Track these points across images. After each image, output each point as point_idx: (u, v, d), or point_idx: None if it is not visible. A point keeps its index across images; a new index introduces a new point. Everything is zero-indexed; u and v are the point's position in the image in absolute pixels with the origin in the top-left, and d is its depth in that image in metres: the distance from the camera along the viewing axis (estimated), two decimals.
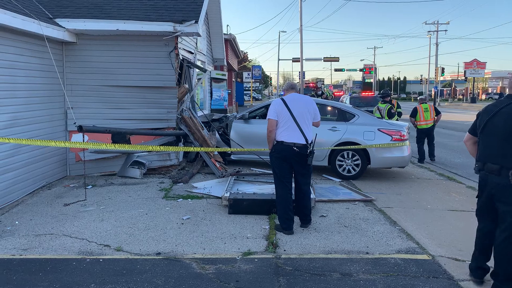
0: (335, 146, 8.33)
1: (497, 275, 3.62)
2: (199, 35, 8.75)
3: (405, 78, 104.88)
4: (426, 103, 11.36)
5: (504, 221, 3.52)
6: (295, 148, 5.16)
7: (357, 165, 8.36)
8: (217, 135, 9.48)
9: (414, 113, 11.08)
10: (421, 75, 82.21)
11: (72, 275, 4.02)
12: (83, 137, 7.20)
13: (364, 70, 67.13)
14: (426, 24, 56.02)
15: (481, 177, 3.69)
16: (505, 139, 3.46)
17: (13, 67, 6.58)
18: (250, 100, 45.82)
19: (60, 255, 4.49)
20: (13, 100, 6.57)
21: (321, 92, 23.67)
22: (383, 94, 12.10)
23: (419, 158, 10.93)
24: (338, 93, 38.92)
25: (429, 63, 58.04)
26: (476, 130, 3.79)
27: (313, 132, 5.38)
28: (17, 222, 5.56)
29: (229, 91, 23.50)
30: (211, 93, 15.85)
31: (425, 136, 11.11)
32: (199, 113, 10.62)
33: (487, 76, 66.82)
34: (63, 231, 5.23)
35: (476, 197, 3.87)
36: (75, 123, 7.46)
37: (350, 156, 8.37)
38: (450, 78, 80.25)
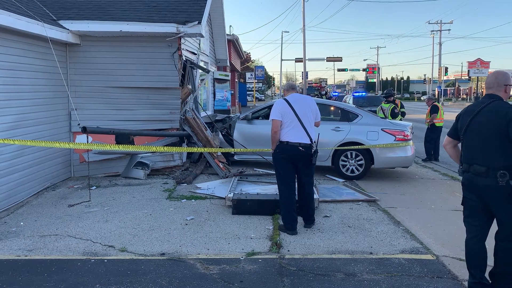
0: (339, 146, 8.33)
1: (494, 274, 3.59)
2: (202, 36, 8.77)
3: (408, 77, 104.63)
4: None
5: (500, 222, 3.46)
6: (300, 148, 5.17)
7: (360, 165, 8.35)
8: (220, 135, 9.49)
9: (436, 110, 10.94)
10: (425, 75, 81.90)
11: (77, 276, 4.04)
12: (87, 138, 7.24)
13: (367, 70, 67.01)
14: (429, 23, 55.93)
15: (466, 179, 3.57)
16: (489, 138, 3.40)
17: (18, 68, 6.61)
18: (253, 101, 45.81)
19: (65, 256, 4.52)
20: (17, 101, 6.60)
21: (324, 92, 23.68)
22: (387, 94, 12.06)
23: (427, 157, 10.86)
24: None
25: (433, 63, 57.96)
26: (457, 133, 3.70)
27: (315, 131, 5.39)
28: (22, 223, 5.59)
29: (232, 92, 23.52)
30: (214, 93, 15.87)
31: (438, 134, 11.05)
32: (202, 114, 10.63)
33: None
34: (68, 232, 5.26)
35: (462, 204, 3.71)
36: (79, 124, 7.49)
37: (353, 156, 8.37)
38: (454, 78, 79.95)
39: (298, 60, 43.58)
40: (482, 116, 3.48)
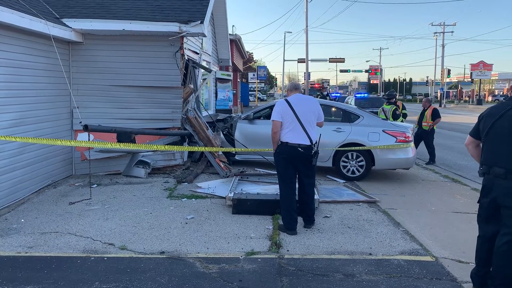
0: (340, 147, 8.33)
1: (493, 278, 3.61)
2: (205, 36, 8.78)
3: (411, 79, 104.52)
4: None
5: (507, 225, 3.48)
6: (299, 149, 5.18)
7: (361, 166, 8.35)
8: (221, 135, 9.50)
9: (439, 115, 10.88)
10: (427, 77, 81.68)
11: (76, 273, 4.06)
12: (89, 136, 7.26)
13: (370, 71, 66.97)
14: (432, 25, 55.91)
15: (486, 180, 3.63)
16: (511, 142, 3.44)
17: (21, 66, 6.64)
18: (255, 101, 45.82)
19: (65, 253, 4.54)
20: (20, 99, 6.63)
21: (326, 93, 23.63)
22: (388, 96, 12.03)
23: (433, 159, 10.83)
24: None
25: (435, 65, 57.87)
26: (478, 133, 3.73)
27: (317, 132, 5.39)
28: (23, 220, 5.61)
29: (234, 92, 23.54)
30: (216, 93, 15.90)
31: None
32: (204, 113, 10.65)
33: (493, 78, 66.40)
34: (68, 229, 5.28)
35: (478, 202, 3.78)
36: (80, 122, 7.51)
37: (354, 157, 8.37)
38: (456, 80, 79.78)
39: (300, 60, 43.57)
40: (505, 120, 3.50)
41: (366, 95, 25.12)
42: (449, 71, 57.67)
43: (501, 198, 3.49)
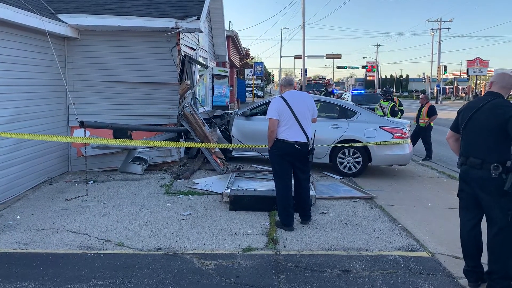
0: (336, 143, 8.33)
1: (490, 273, 3.66)
2: (201, 32, 8.75)
3: (407, 76, 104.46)
4: None
5: (490, 216, 3.60)
6: (297, 146, 5.17)
7: (358, 163, 8.36)
8: (218, 131, 9.48)
9: (436, 112, 10.90)
10: (424, 73, 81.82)
11: (73, 270, 4.04)
12: (85, 133, 7.22)
13: (367, 67, 66.99)
14: (429, 21, 56.10)
15: (463, 171, 3.78)
16: (486, 135, 3.59)
17: (16, 62, 6.59)
18: (252, 97, 45.77)
19: (61, 250, 4.52)
20: (15, 95, 6.58)
21: (331, 89, 22.57)
22: (386, 92, 12.03)
23: (430, 155, 10.85)
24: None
25: (432, 61, 58.05)
26: (458, 127, 3.89)
27: (312, 128, 5.39)
28: (18, 217, 5.59)
29: (231, 88, 23.46)
30: (212, 89, 15.85)
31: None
32: (201, 110, 10.63)
33: (489, 74, 66.35)
34: (65, 226, 5.26)
35: (458, 195, 3.88)
36: (76, 118, 7.47)
37: (351, 154, 8.38)
38: (453, 76, 79.92)
39: (297, 57, 43.60)
40: (481, 113, 3.65)
41: (363, 91, 25.06)
42: (445, 67, 57.79)
43: (477, 188, 3.63)
